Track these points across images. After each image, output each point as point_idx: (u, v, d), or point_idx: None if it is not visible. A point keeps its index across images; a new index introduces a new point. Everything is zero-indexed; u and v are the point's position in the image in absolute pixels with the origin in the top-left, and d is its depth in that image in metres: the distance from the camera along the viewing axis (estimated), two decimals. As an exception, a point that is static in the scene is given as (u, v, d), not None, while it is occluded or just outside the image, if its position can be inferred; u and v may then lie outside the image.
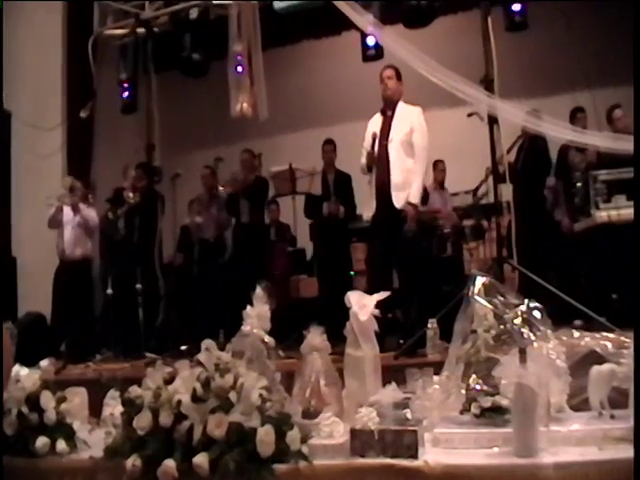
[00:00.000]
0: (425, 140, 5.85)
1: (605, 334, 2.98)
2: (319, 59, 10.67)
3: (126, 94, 9.16)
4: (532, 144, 7.07)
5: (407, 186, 5.73)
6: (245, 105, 6.94)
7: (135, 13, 8.41)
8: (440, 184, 8.58)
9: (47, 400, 2.94)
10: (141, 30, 8.34)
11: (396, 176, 5.74)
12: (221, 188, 8.11)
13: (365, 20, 6.27)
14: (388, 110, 5.92)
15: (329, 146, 7.81)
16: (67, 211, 7.56)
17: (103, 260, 8.27)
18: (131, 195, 7.54)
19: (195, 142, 10.52)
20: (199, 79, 9.44)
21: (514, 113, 5.63)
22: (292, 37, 10.01)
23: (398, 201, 5.71)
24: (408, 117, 5.88)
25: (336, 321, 3.21)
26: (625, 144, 5.03)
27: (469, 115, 6.61)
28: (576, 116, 6.91)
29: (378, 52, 8.31)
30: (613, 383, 2.67)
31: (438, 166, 8.54)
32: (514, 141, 6.77)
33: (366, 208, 5.98)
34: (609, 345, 2.85)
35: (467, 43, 7.12)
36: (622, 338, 2.90)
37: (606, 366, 2.69)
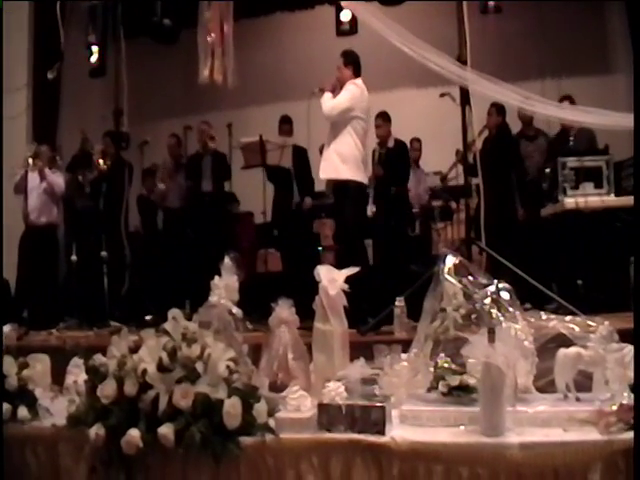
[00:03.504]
0: (347, 90, 5.87)
1: (572, 317, 2.99)
2: (292, 32, 10.57)
3: (94, 57, 8.99)
4: (498, 135, 7.17)
5: (328, 157, 5.88)
6: (216, 72, 6.82)
7: (106, -26, 8.20)
8: (415, 162, 8.54)
9: (9, 366, 2.88)
10: (111, -8, 8.14)
11: (325, 149, 5.96)
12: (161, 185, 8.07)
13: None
14: None
15: (286, 125, 7.81)
16: (33, 177, 7.38)
17: (67, 226, 8.12)
18: (101, 162, 7.39)
19: (163, 110, 10.35)
20: (169, 46, 9.30)
21: (487, 86, 5.60)
22: (265, 9, 9.88)
23: (323, 171, 5.94)
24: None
25: (304, 295, 3.20)
26: (596, 117, 5.11)
27: (441, 95, 6.62)
28: None
29: (352, 27, 8.26)
30: (579, 366, 2.70)
31: (413, 144, 8.49)
32: (480, 131, 6.79)
33: None
34: (576, 328, 2.87)
35: (441, 23, 7.09)
36: (589, 322, 2.91)
37: (573, 349, 2.72)
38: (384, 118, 7.38)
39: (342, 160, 5.81)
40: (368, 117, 6.04)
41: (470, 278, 3.08)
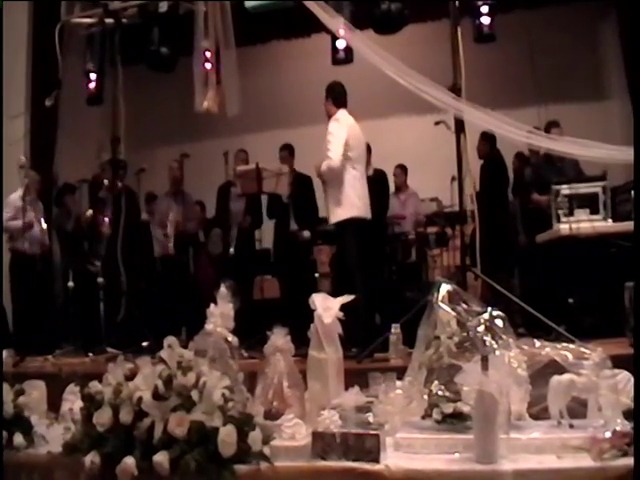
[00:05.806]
0: (329, 134, 5.82)
1: (565, 345, 3.01)
2: (288, 60, 10.66)
3: (92, 85, 9.04)
4: (492, 164, 7.25)
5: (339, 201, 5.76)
6: (211, 102, 6.86)
7: (103, 3, 8.26)
8: (397, 188, 8.58)
9: (5, 393, 2.88)
10: (109, 21, 8.19)
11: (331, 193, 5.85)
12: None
13: (336, 22, 6.30)
14: None
15: (284, 152, 7.81)
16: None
17: (63, 253, 8.13)
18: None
19: (160, 137, 10.43)
20: (166, 74, 9.35)
21: (481, 117, 5.68)
22: (262, 36, 9.97)
23: (334, 216, 5.81)
24: None
25: (301, 322, 3.21)
26: (593, 150, 5.18)
27: (436, 123, 6.67)
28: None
29: (348, 55, 8.33)
30: (572, 393, 2.72)
31: (395, 171, 8.52)
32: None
33: None
34: (569, 355, 2.89)
35: (436, 52, 7.17)
36: (582, 349, 2.94)
37: (566, 376, 2.74)
38: None
39: (350, 202, 5.74)
40: (359, 143, 5.97)
41: (464, 306, 3.11)
